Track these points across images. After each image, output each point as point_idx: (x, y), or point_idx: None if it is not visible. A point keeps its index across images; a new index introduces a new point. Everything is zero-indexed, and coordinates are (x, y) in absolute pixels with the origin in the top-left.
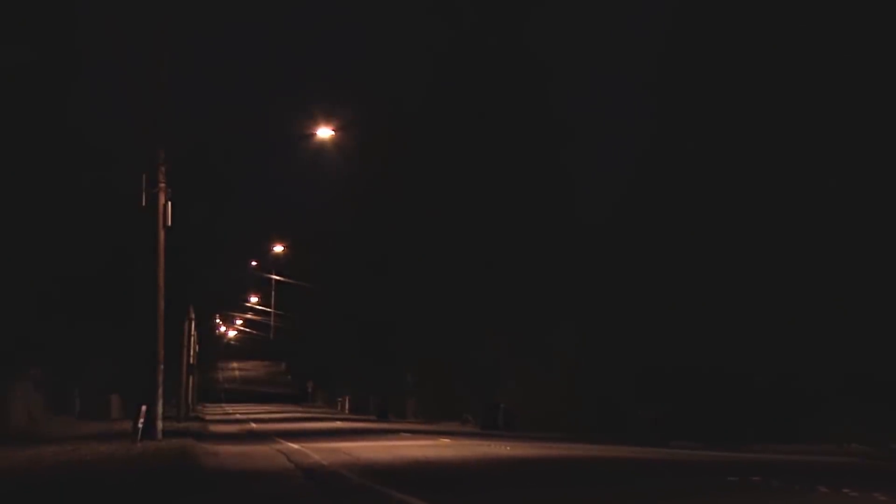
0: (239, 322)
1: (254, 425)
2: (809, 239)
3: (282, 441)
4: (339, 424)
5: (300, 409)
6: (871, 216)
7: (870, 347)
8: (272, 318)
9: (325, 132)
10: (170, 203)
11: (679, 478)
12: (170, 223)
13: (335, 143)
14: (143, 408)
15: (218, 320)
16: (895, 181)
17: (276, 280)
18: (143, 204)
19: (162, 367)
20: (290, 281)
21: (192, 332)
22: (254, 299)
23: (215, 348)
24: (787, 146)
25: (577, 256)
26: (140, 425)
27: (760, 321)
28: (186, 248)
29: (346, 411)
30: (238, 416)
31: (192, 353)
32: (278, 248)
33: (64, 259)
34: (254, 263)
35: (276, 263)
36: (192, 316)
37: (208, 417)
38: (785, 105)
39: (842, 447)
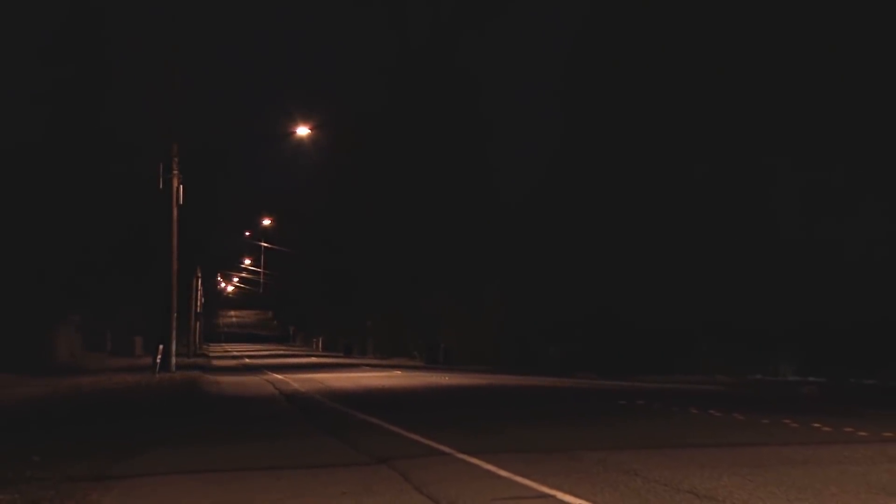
0: (236, 279)
1: (247, 360)
2: (680, 213)
3: (269, 373)
4: (313, 360)
5: (284, 347)
6: (732, 192)
7: (728, 300)
8: (262, 276)
9: (303, 130)
10: (181, 186)
11: (579, 401)
12: (181, 202)
13: (311, 139)
14: (161, 347)
15: (219, 278)
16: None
17: (264, 246)
18: (160, 187)
19: (175, 314)
20: (276, 247)
21: (199, 287)
22: (247, 261)
23: (217, 300)
24: (664, 136)
25: (502, 229)
26: (158, 361)
27: (644, 279)
28: (194, 221)
29: (320, 349)
30: (235, 353)
31: (198, 303)
32: (267, 221)
33: (99, 230)
34: (247, 233)
35: (265, 233)
36: (199, 274)
37: (212, 354)
38: (655, 109)
39: (710, 378)
